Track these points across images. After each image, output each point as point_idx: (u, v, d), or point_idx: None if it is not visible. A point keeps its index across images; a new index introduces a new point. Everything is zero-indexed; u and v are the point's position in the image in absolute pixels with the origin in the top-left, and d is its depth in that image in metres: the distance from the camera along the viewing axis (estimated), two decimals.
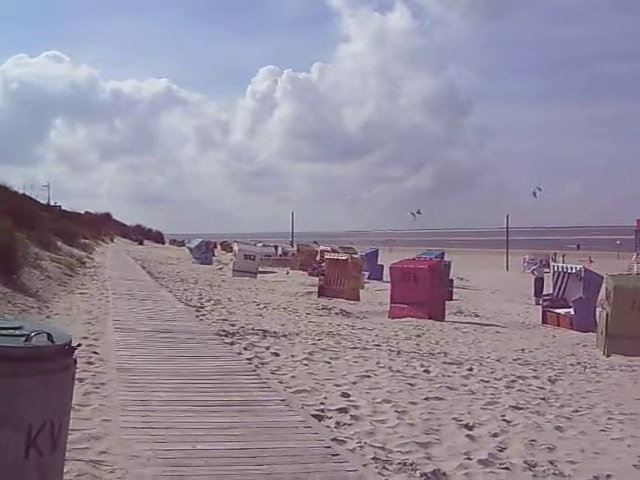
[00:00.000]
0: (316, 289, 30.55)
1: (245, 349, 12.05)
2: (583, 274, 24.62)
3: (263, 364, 10.86)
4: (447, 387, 10.41)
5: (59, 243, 32.11)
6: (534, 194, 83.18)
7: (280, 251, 67.30)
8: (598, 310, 21.17)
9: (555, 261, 54.87)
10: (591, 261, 66.18)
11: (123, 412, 7.41)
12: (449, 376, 11.48)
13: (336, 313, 22.12)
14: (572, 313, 23.57)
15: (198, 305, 18.81)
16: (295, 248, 65.48)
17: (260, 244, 69.62)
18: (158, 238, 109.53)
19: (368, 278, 41.05)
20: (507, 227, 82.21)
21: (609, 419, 9.54)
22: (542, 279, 36.05)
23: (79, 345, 4.03)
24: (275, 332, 14.63)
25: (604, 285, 20.32)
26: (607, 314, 18.29)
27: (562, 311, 24.18)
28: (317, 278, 33.09)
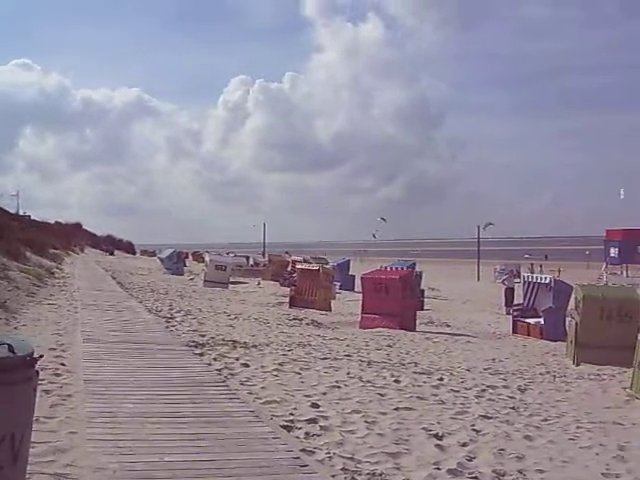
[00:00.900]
0: (287, 300, 30.50)
1: (215, 360, 11.98)
2: (553, 284, 24.78)
3: (233, 375, 10.80)
4: (417, 397, 10.42)
5: (28, 253, 31.80)
6: (484, 228, 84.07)
7: (252, 261, 67.07)
8: (568, 320, 21.29)
9: (533, 271, 55.17)
10: (560, 271, 66.72)
11: (90, 424, 7.33)
12: (419, 386, 11.49)
13: (307, 324, 22.07)
14: (542, 323, 23.69)
15: (168, 316, 18.69)
16: (267, 258, 65.34)
17: (232, 254, 69.42)
18: (129, 248, 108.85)
19: (340, 288, 41.06)
20: (478, 237, 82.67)
21: (578, 428, 9.59)
22: (512, 289, 36.19)
23: (41, 356, 3.97)
24: (245, 343, 14.56)
25: (573, 295, 20.46)
26: (576, 323, 18.41)
27: (532, 321, 24.30)
28: (288, 289, 33.05)
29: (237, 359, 12.25)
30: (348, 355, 14.62)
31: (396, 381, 11.67)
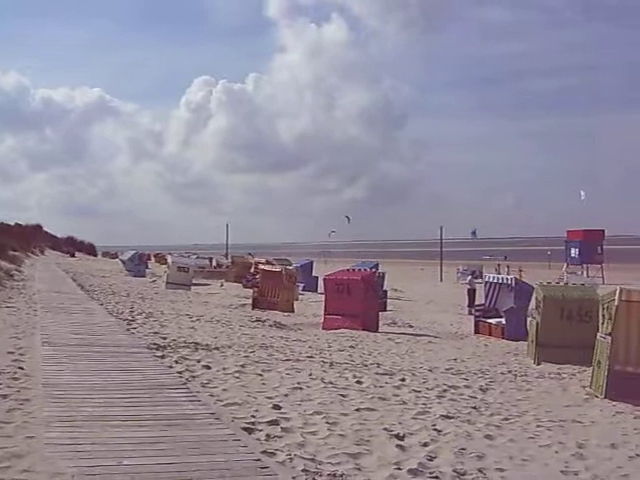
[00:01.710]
0: (250, 301, 30.41)
1: (176, 362, 11.90)
2: (514, 284, 24.97)
3: (194, 377, 10.73)
4: (379, 398, 10.43)
5: None
6: (472, 233, 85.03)
7: (214, 263, 66.76)
8: (529, 319, 21.49)
9: (500, 272, 55.70)
10: (521, 271, 67.36)
11: (48, 428, 7.23)
12: (381, 387, 11.51)
13: (270, 325, 22.02)
14: (504, 323, 23.88)
15: (129, 318, 18.53)
16: (229, 260, 65.06)
17: (194, 256, 69.05)
18: (90, 250, 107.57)
19: (303, 290, 41.04)
20: (441, 239, 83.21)
21: (538, 426, 9.68)
22: (475, 290, 36.47)
23: None
24: (207, 345, 14.48)
25: (534, 295, 20.64)
26: (537, 323, 18.60)
27: (494, 321, 24.48)
28: (251, 290, 32.93)
29: (199, 361, 12.18)
30: (310, 356, 14.62)
31: (358, 382, 11.68)
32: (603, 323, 13.64)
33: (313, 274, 47.36)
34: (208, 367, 11.70)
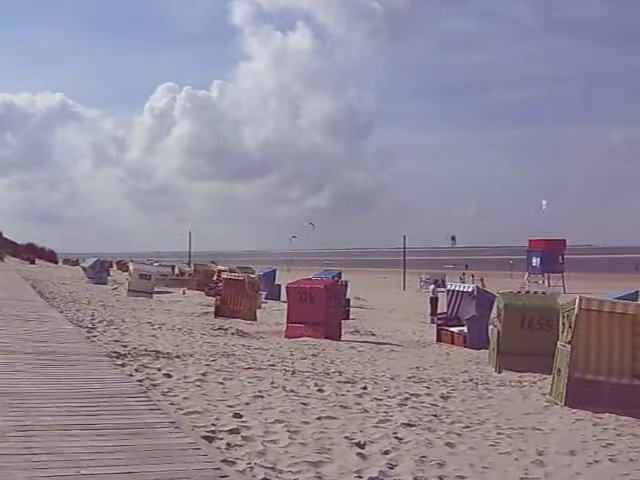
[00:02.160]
0: (213, 309, 30.27)
1: (136, 371, 11.76)
2: (476, 293, 25.15)
3: (154, 386, 10.62)
4: (340, 406, 10.42)
5: None
6: (452, 239, 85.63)
7: (177, 271, 66.39)
8: (490, 328, 21.64)
9: (464, 281, 56.10)
10: (483, 280, 67.91)
11: (2, 438, 7.09)
12: (343, 395, 11.50)
13: (232, 333, 21.93)
14: (466, 331, 24.02)
15: (90, 326, 18.31)
16: (192, 268, 64.71)
17: (157, 263, 68.65)
18: (51, 257, 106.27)
19: (265, 298, 40.94)
20: (404, 247, 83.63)
21: (499, 434, 9.75)
22: (437, 298, 36.70)
23: None
24: (168, 353, 14.36)
25: (496, 303, 20.80)
26: (498, 332, 18.74)
27: (456, 329, 24.62)
28: (214, 298, 32.77)
29: (159, 369, 12.06)
30: (272, 365, 14.57)
31: (320, 390, 11.66)
32: (563, 331, 13.78)
33: (276, 282, 47.24)
34: (169, 375, 11.59)
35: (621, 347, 13.39)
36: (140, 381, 10.83)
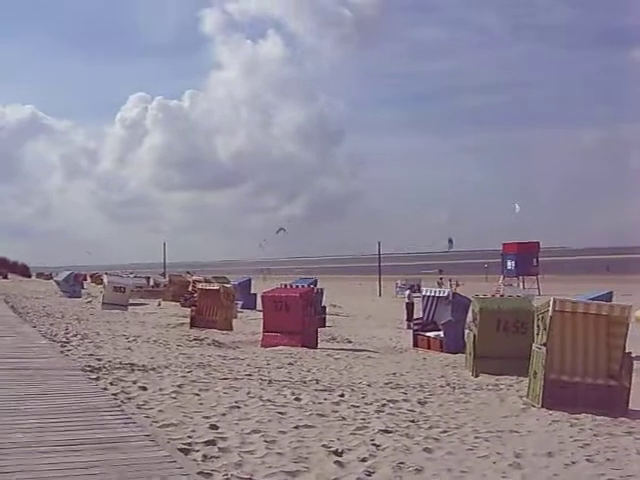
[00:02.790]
0: (188, 320, 30.09)
1: (111, 384, 11.66)
2: (451, 297, 25.21)
3: (129, 399, 10.53)
4: (318, 414, 10.38)
5: None
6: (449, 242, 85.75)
7: (152, 282, 66.01)
8: (466, 332, 21.68)
9: (442, 286, 56.32)
10: (457, 284, 68.23)
11: None
12: (320, 403, 11.45)
13: (208, 344, 21.82)
14: (442, 336, 24.06)
15: (64, 340, 18.13)
16: (167, 279, 64.36)
17: (131, 275, 68.22)
18: (24, 271, 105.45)
19: (241, 307, 40.78)
20: (379, 253, 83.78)
21: (476, 438, 9.74)
22: (413, 304, 36.73)
23: None
24: (144, 365, 14.25)
25: (471, 307, 20.85)
26: (474, 335, 18.78)
27: (432, 334, 24.65)
28: (189, 309, 32.59)
29: (134, 382, 11.96)
30: (249, 374, 14.49)
31: (297, 399, 11.61)
32: (538, 334, 13.84)
33: (252, 291, 47.04)
34: (144, 388, 11.50)
35: (596, 348, 13.47)
36: (115, 395, 10.74)
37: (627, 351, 13.31)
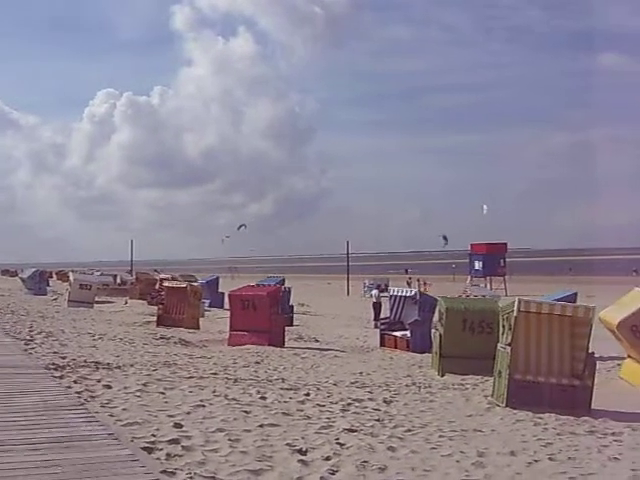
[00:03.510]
0: (155, 318, 29.93)
1: (75, 382, 11.55)
2: (418, 297, 25.30)
3: (93, 397, 10.44)
4: (283, 413, 10.38)
5: None
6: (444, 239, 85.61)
7: (119, 280, 65.53)
8: (433, 332, 21.77)
9: (411, 286, 56.57)
10: (425, 284, 68.56)
11: None
12: (286, 402, 11.46)
13: (174, 342, 21.73)
14: (409, 335, 24.12)
15: (28, 338, 17.95)
16: (134, 277, 63.93)
17: (98, 273, 67.71)
18: None
19: (209, 306, 40.64)
20: (347, 253, 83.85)
21: (440, 437, 9.80)
22: (380, 303, 36.83)
23: None
24: (109, 364, 14.15)
25: (438, 307, 20.94)
26: (440, 335, 18.86)
27: (399, 334, 24.70)
28: (156, 307, 32.41)
29: (99, 381, 11.87)
30: (215, 373, 14.45)
31: (262, 398, 11.60)
32: (503, 333, 13.94)
33: (219, 290, 46.92)
34: (109, 387, 11.42)
35: (560, 348, 13.61)
36: (79, 393, 10.66)
37: (590, 351, 13.46)
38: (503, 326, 14.02)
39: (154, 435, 8.28)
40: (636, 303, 17.47)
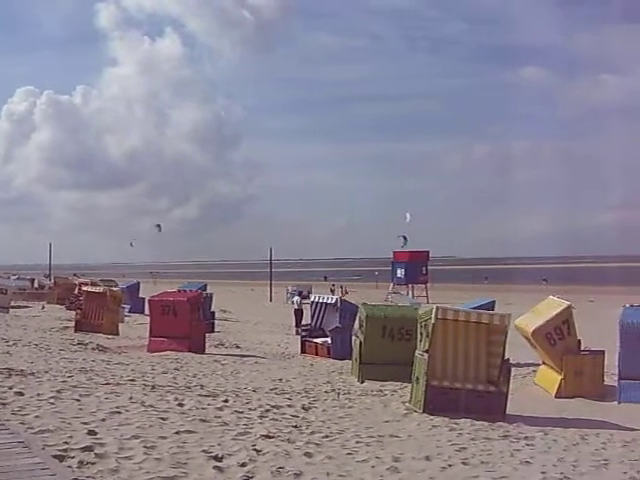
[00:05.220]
0: (73, 324, 29.36)
1: None
2: (339, 304, 25.44)
3: (4, 405, 10.18)
4: (200, 420, 10.30)
5: None
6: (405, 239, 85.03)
7: (36, 284, 64.05)
8: (353, 338, 21.90)
9: (334, 293, 56.79)
10: (346, 292, 69.01)
11: None
12: (203, 409, 11.37)
13: (92, 348, 21.36)
14: (329, 342, 24.23)
15: None
16: (52, 281, 62.61)
17: (14, 277, 66.01)
18: None
19: (129, 311, 40.07)
20: (270, 259, 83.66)
21: (357, 442, 9.88)
22: (302, 310, 36.91)
23: None
24: (22, 370, 13.83)
25: (358, 314, 21.09)
26: (360, 342, 18.99)
27: (320, 340, 24.80)
28: (74, 312, 31.79)
29: (10, 388, 11.56)
30: (132, 380, 14.24)
31: (180, 404, 11.48)
32: (421, 340, 14.13)
33: (140, 295, 46.32)
34: (21, 394, 11.13)
35: (476, 355, 13.88)
36: None
37: (506, 358, 13.76)
38: (421, 333, 14.20)
39: (66, 443, 8.10)
40: (550, 311, 17.93)
